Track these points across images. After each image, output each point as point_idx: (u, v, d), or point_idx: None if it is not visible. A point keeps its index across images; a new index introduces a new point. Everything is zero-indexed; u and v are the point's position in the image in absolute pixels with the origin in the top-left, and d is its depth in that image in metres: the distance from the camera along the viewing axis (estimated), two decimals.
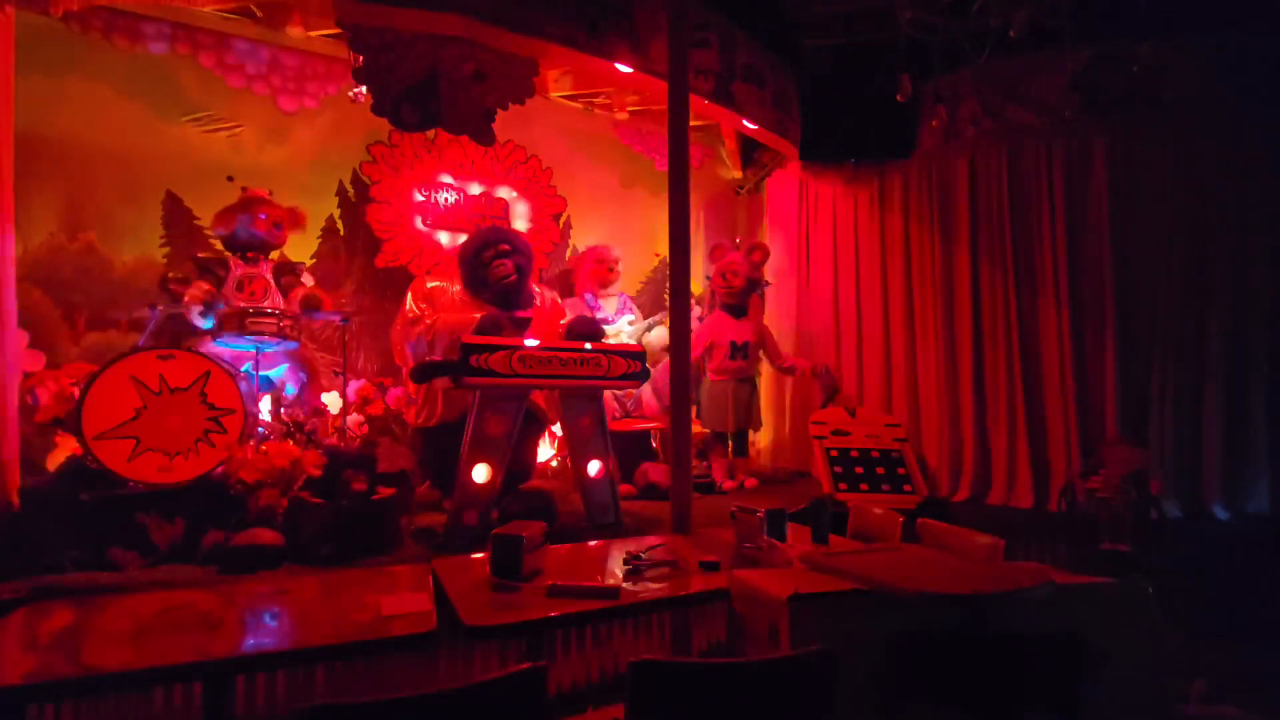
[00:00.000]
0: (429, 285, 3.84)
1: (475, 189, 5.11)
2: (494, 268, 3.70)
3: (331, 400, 4.08)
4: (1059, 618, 1.72)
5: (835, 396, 5.09)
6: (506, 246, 3.77)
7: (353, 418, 4.14)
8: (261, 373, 3.77)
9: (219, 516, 2.80)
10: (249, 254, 3.83)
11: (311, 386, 4.01)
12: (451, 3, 3.49)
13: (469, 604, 1.89)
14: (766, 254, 5.17)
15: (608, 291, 5.12)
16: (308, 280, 4.11)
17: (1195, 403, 4.40)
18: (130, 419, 2.84)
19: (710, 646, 3.03)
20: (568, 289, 5.29)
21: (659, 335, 4.78)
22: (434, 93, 3.65)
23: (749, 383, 4.90)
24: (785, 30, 5.19)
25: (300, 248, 4.39)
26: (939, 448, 5.06)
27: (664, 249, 3.75)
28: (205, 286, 3.62)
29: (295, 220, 3.98)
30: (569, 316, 4.03)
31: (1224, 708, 2.89)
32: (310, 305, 3.88)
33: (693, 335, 4.69)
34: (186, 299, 3.60)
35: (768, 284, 5.24)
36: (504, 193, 5.22)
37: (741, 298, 4.90)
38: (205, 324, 3.63)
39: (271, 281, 3.86)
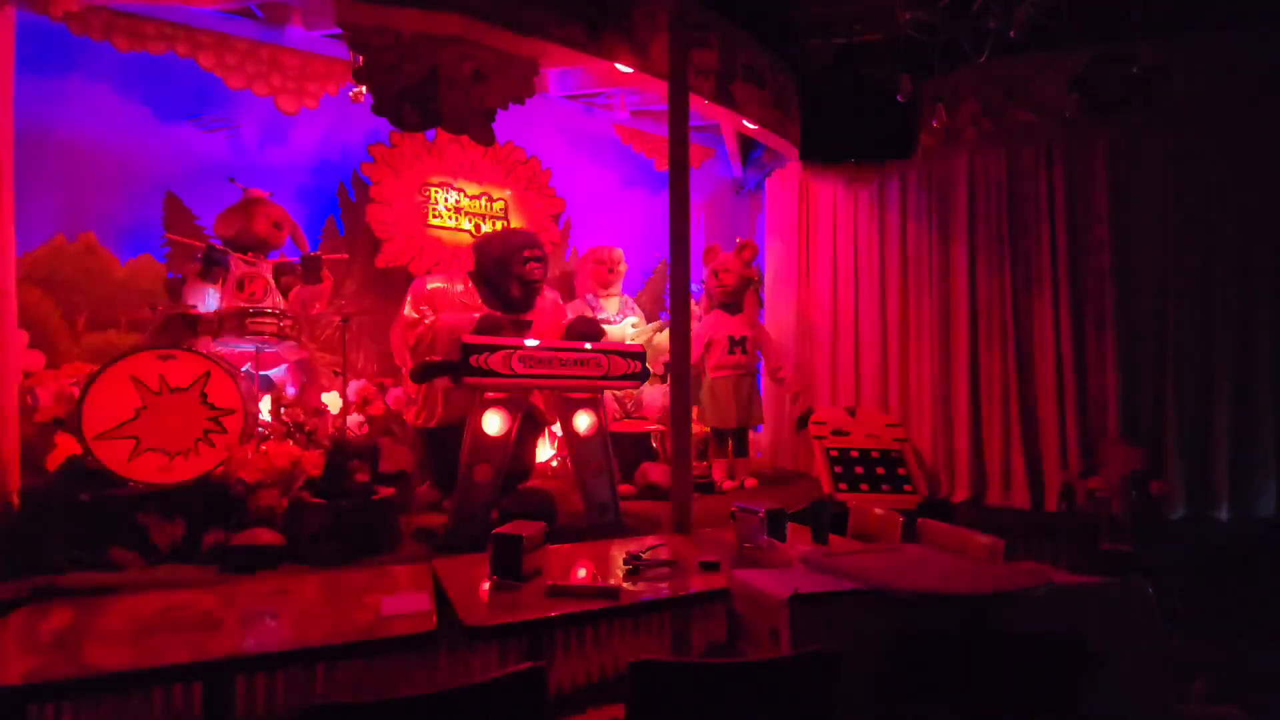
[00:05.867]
0: (429, 286, 3.82)
1: (475, 189, 5.11)
2: (529, 270, 3.71)
3: (331, 400, 4.08)
4: (1059, 618, 1.72)
5: (807, 418, 5.16)
6: (540, 252, 3.79)
7: (353, 418, 4.14)
8: (261, 372, 3.77)
9: (219, 516, 2.80)
10: (249, 254, 3.84)
11: (311, 386, 4.00)
12: (451, 3, 3.49)
13: (469, 604, 1.88)
14: (755, 251, 5.19)
15: (609, 292, 5.09)
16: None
17: (1203, 404, 4.39)
18: (130, 419, 2.84)
19: (710, 646, 3.03)
20: (570, 290, 5.28)
21: (664, 341, 4.77)
22: (434, 93, 3.65)
23: (749, 378, 4.89)
24: (785, 30, 5.19)
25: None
26: (936, 448, 5.06)
27: (664, 249, 3.76)
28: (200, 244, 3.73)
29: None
30: (569, 317, 4.03)
31: (1224, 707, 2.89)
32: (309, 265, 3.86)
33: (691, 337, 4.76)
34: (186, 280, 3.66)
35: (758, 280, 5.25)
36: (503, 193, 5.21)
37: (735, 295, 4.92)
38: (209, 279, 3.64)
39: (271, 281, 3.86)
